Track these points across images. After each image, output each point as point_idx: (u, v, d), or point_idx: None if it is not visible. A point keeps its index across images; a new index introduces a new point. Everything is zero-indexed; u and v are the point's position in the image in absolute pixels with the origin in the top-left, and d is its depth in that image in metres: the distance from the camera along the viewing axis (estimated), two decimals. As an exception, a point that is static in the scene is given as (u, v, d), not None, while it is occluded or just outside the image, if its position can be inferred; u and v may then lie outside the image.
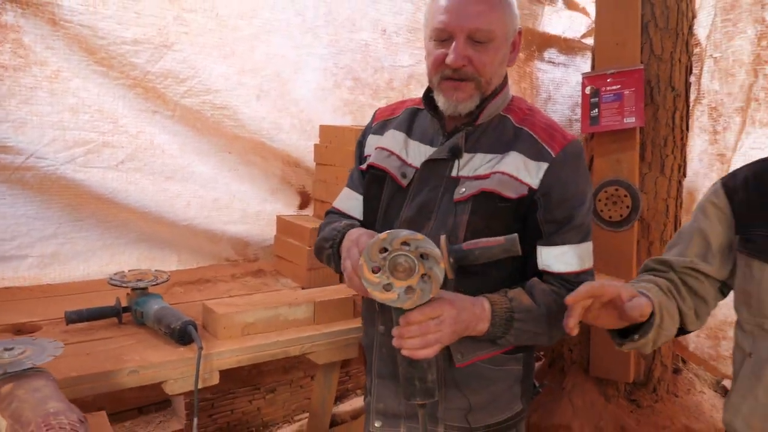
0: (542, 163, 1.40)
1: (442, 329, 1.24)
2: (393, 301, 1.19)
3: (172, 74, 2.47)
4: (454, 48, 1.36)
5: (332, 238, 1.49)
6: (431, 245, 1.17)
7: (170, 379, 1.65)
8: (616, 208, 3.07)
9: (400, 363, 1.27)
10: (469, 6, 1.36)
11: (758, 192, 1.34)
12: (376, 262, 1.18)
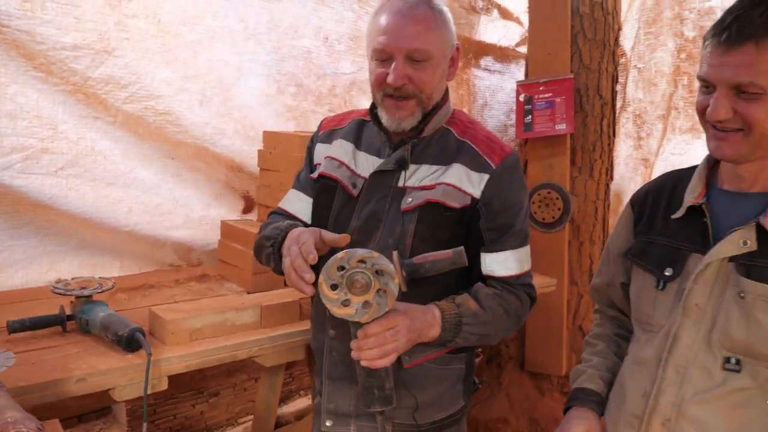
0: (484, 174, 1.51)
1: (398, 339, 1.33)
2: (351, 315, 1.28)
3: (113, 80, 2.45)
4: (394, 68, 1.45)
5: (274, 236, 1.53)
6: (386, 262, 1.26)
7: (118, 386, 1.66)
8: (549, 210, 3.24)
9: (359, 374, 1.36)
10: (407, 27, 1.44)
11: (653, 203, 1.43)
12: (335, 280, 1.26)
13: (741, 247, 1.21)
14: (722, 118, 1.16)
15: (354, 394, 1.59)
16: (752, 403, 1.21)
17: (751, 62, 1.11)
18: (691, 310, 1.27)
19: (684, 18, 3.22)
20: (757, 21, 1.11)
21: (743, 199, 1.26)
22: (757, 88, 1.12)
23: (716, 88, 1.17)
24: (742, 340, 1.20)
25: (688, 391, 1.25)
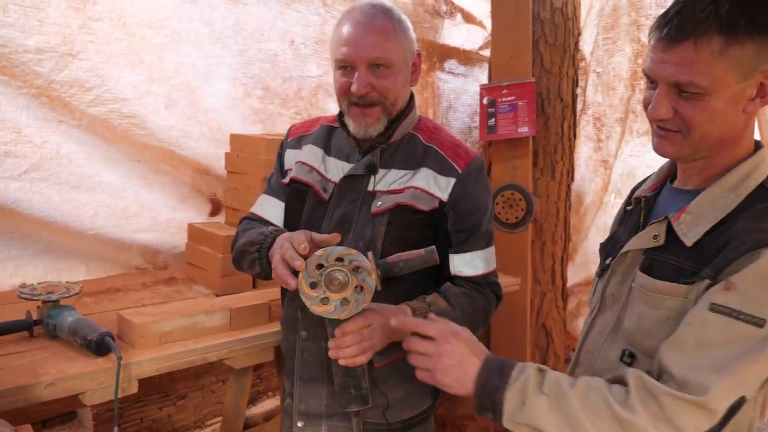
0: (450, 178, 1.57)
1: (374, 336, 1.38)
2: (330, 312, 1.31)
3: (78, 83, 2.43)
4: (356, 77, 1.51)
5: (260, 242, 1.55)
6: (363, 258, 1.30)
7: (88, 390, 1.67)
8: (513, 211, 3.31)
9: (336, 374, 1.39)
10: (367, 37, 1.50)
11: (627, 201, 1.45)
12: (314, 278, 1.29)
13: (651, 240, 1.21)
14: (662, 117, 1.13)
15: (325, 395, 1.63)
16: None
17: (690, 61, 1.06)
18: (608, 299, 1.30)
19: (640, 24, 3.34)
20: (699, 16, 1.05)
21: (680, 195, 1.24)
22: (697, 88, 1.07)
23: (656, 84, 1.14)
24: (631, 331, 1.21)
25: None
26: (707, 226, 1.13)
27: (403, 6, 3.41)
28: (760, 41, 1.05)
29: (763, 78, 1.08)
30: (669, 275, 1.15)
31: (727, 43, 1.04)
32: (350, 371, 1.38)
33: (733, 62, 1.05)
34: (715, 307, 1.05)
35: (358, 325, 1.35)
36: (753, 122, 1.16)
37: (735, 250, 1.06)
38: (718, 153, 1.16)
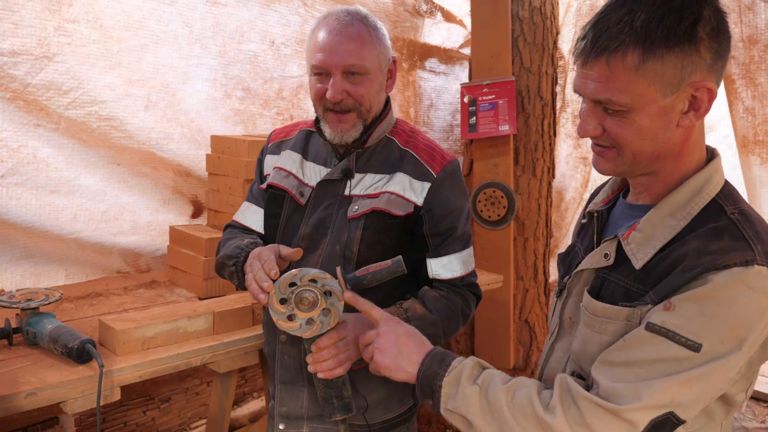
0: (425, 182, 1.58)
1: (350, 348, 1.40)
2: (294, 330, 1.36)
3: (54, 86, 2.40)
4: (332, 84, 1.52)
5: (236, 256, 1.60)
6: (336, 285, 1.34)
7: (70, 398, 1.65)
8: (494, 209, 3.33)
9: (317, 386, 1.43)
10: (342, 44, 1.51)
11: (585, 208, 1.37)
12: (285, 294, 1.34)
13: (602, 259, 1.14)
14: (590, 135, 1.07)
15: (306, 397, 1.64)
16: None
17: (606, 78, 0.99)
18: (566, 322, 1.23)
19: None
20: (614, 30, 0.98)
21: (632, 211, 1.17)
22: (618, 105, 1.01)
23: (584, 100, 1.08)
24: (577, 352, 1.15)
25: None
26: (657, 247, 1.06)
27: (383, 5, 3.41)
28: (682, 53, 0.97)
29: (693, 90, 1.00)
30: (616, 297, 1.09)
31: (644, 58, 0.97)
32: (330, 383, 1.42)
33: (653, 77, 0.98)
34: (651, 326, 1.00)
35: (333, 339, 1.38)
36: (696, 135, 1.08)
37: (681, 276, 1.00)
38: (661, 168, 1.08)
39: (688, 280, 0.99)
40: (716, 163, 1.10)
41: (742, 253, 0.98)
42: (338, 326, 1.40)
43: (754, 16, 2.84)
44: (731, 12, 2.88)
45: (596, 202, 1.26)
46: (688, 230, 1.05)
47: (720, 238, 1.01)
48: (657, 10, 0.96)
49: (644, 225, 1.09)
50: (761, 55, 2.83)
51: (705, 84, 1.00)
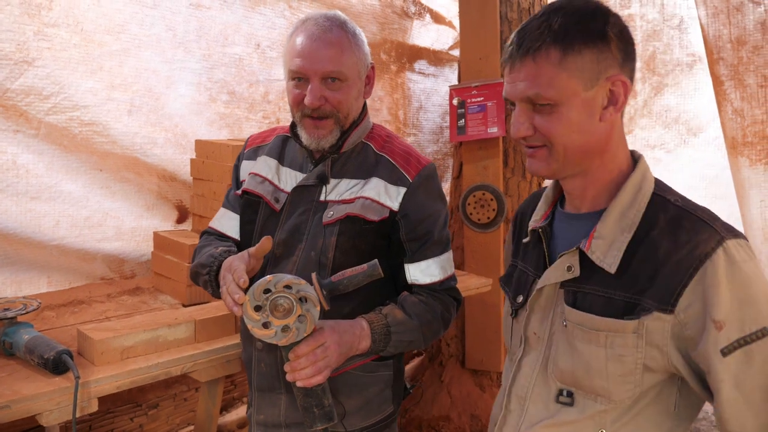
0: (401, 187, 1.56)
1: (328, 354, 1.38)
2: (270, 337, 1.32)
3: (34, 91, 2.38)
4: (310, 90, 1.50)
5: (209, 264, 1.58)
6: (311, 290, 1.31)
7: (45, 411, 1.62)
8: (484, 211, 3.31)
9: (297, 395, 1.40)
10: (321, 50, 1.49)
11: (520, 224, 1.40)
12: (259, 302, 1.31)
13: (566, 273, 1.16)
14: (523, 135, 1.13)
15: (284, 405, 1.62)
16: None
17: (534, 75, 1.08)
18: (531, 338, 1.24)
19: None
20: (535, 33, 1.08)
21: (576, 221, 1.20)
22: (546, 99, 1.08)
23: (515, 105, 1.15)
24: (569, 371, 1.15)
25: (524, 423, 1.21)
26: (622, 249, 1.10)
27: (371, 7, 3.38)
28: (597, 49, 1.07)
29: (610, 85, 1.09)
30: (600, 308, 1.11)
31: (564, 53, 1.06)
32: (310, 392, 1.38)
33: (574, 70, 1.07)
34: (726, 351, 1.01)
35: (311, 346, 1.35)
36: (618, 133, 1.16)
37: (675, 277, 1.04)
38: (590, 166, 1.15)
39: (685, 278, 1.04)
40: (644, 162, 1.18)
41: (711, 235, 1.05)
42: (316, 333, 1.36)
43: (742, 17, 2.82)
44: (720, 13, 2.87)
45: (536, 219, 1.28)
46: (643, 226, 1.11)
47: (681, 228, 1.08)
48: (571, 15, 1.08)
49: (601, 231, 1.13)
50: (750, 57, 2.81)
51: (620, 77, 1.09)
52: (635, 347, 1.08)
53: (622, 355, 1.09)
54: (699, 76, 3.29)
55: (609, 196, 1.16)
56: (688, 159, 3.36)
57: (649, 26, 3.32)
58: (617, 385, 1.11)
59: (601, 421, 1.14)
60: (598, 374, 1.11)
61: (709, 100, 3.07)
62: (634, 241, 1.10)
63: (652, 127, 3.46)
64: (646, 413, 1.14)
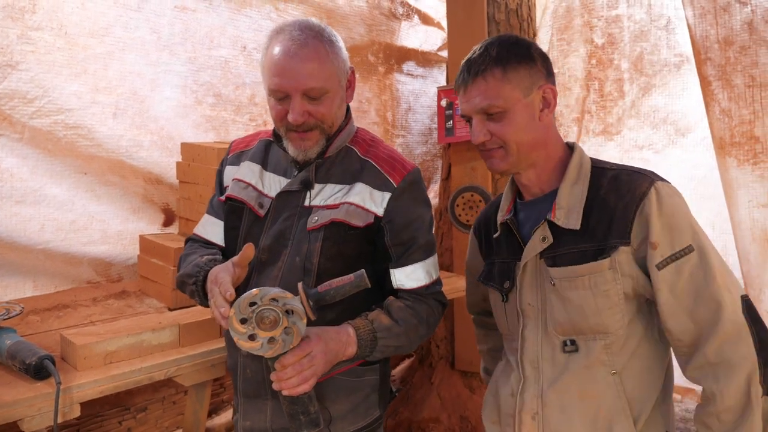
0: (386, 192, 1.56)
1: (314, 363, 1.38)
2: (256, 349, 1.33)
3: (18, 94, 2.37)
4: (292, 108, 1.48)
5: (195, 274, 1.57)
6: (297, 303, 1.32)
7: (27, 416, 1.61)
8: (473, 212, 3.31)
9: (283, 403, 1.41)
10: (299, 67, 1.46)
11: (485, 229, 1.65)
12: (245, 314, 1.31)
13: (542, 243, 1.41)
14: (482, 141, 1.39)
15: (270, 411, 1.61)
16: (597, 378, 1.38)
17: (485, 90, 1.36)
18: (527, 310, 1.46)
19: (593, 25, 3.36)
20: (479, 60, 1.38)
21: (535, 205, 1.48)
22: (497, 108, 1.36)
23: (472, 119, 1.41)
24: (566, 321, 1.39)
25: (544, 383, 1.42)
26: (580, 210, 1.38)
27: (358, 9, 3.38)
28: (528, 66, 1.38)
29: (542, 92, 1.40)
30: (577, 259, 1.37)
31: (505, 71, 1.36)
32: (296, 399, 1.39)
33: (514, 83, 1.37)
34: (660, 265, 1.31)
35: (297, 356, 1.35)
36: (554, 130, 1.46)
37: (625, 216, 1.34)
38: (538, 159, 1.43)
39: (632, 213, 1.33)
40: (579, 149, 1.48)
41: (642, 181, 1.36)
42: (302, 343, 1.36)
43: (729, 17, 2.83)
44: (707, 14, 2.87)
45: (502, 214, 1.53)
46: (591, 190, 1.40)
47: (621, 181, 1.38)
48: (504, 44, 1.40)
49: (560, 202, 1.41)
50: (737, 57, 2.81)
51: (549, 86, 1.41)
52: (614, 281, 1.35)
53: (606, 290, 1.35)
54: (687, 77, 3.29)
55: (557, 178, 1.45)
56: (676, 159, 3.36)
57: (636, 27, 3.33)
58: (609, 317, 1.36)
59: (609, 361, 1.37)
60: (592, 313, 1.36)
61: (697, 100, 3.07)
62: (588, 204, 1.39)
63: (640, 127, 3.46)
64: (642, 348, 1.39)
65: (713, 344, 1.28)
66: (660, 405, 1.42)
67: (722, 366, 1.27)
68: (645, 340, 1.40)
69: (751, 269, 2.87)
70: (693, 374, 1.33)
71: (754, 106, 2.84)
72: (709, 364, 1.29)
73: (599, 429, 1.38)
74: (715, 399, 1.27)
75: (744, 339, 1.28)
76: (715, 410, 1.27)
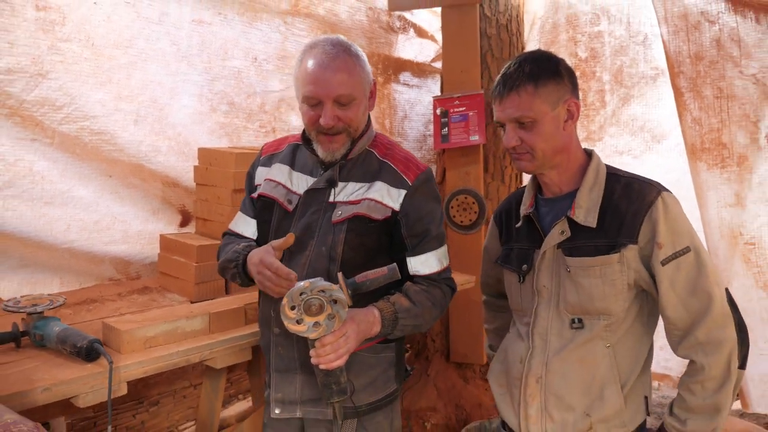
0: (402, 190, 1.78)
1: (349, 342, 1.60)
2: (303, 332, 1.56)
3: (48, 102, 2.52)
4: (324, 113, 1.71)
5: (235, 259, 1.81)
6: (341, 294, 1.55)
7: (81, 393, 1.78)
8: (466, 214, 3.53)
9: (318, 375, 1.63)
10: (331, 76, 1.69)
11: (506, 219, 1.87)
12: (295, 302, 1.54)
13: (561, 236, 1.64)
14: (513, 145, 1.62)
15: (299, 384, 1.81)
16: (595, 350, 1.62)
17: (519, 103, 1.58)
18: (542, 291, 1.68)
19: (577, 40, 3.61)
20: (515, 75, 1.58)
21: (558, 201, 1.70)
22: (529, 119, 1.57)
23: (505, 125, 1.63)
24: (576, 303, 1.63)
25: (550, 352, 1.65)
26: (596, 210, 1.61)
27: (359, 23, 3.59)
28: (556, 82, 1.58)
29: (567, 106, 1.60)
30: (591, 252, 1.61)
31: (536, 87, 1.57)
32: (330, 372, 1.61)
33: (544, 97, 1.57)
34: (664, 262, 1.54)
35: (335, 337, 1.57)
36: (575, 138, 1.67)
37: (635, 220, 1.57)
38: (560, 162, 1.65)
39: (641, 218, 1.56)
40: (596, 154, 1.70)
41: (651, 190, 1.59)
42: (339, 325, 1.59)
43: (699, 34, 3.10)
44: (680, 31, 3.13)
45: (525, 208, 1.76)
46: (608, 195, 1.62)
47: (632, 190, 1.61)
48: (535, 62, 1.61)
49: (579, 202, 1.63)
50: (706, 71, 3.08)
51: (573, 100, 1.62)
52: (620, 272, 1.58)
53: (613, 280, 1.59)
54: (662, 88, 3.53)
55: (576, 180, 1.67)
56: (652, 164, 3.60)
57: (616, 42, 3.58)
58: (613, 302, 1.60)
59: (606, 336, 1.61)
60: (599, 298, 1.60)
61: (671, 110, 3.32)
62: (603, 206, 1.61)
63: (620, 134, 3.71)
64: (633, 328, 1.64)
65: (704, 328, 1.53)
66: (641, 375, 1.66)
67: (711, 344, 1.53)
68: (636, 322, 1.65)
69: (720, 263, 3.13)
70: (684, 352, 1.59)
71: (722, 116, 3.11)
72: (699, 344, 1.54)
73: (593, 392, 1.62)
74: (703, 370, 1.53)
75: (728, 323, 1.55)
76: (702, 379, 1.54)
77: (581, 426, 1.63)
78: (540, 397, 1.66)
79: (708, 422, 1.54)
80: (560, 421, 1.64)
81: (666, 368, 3.73)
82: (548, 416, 1.65)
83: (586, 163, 1.68)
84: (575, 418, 1.63)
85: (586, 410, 1.62)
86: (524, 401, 1.68)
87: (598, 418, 1.62)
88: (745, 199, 3.16)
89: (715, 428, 1.54)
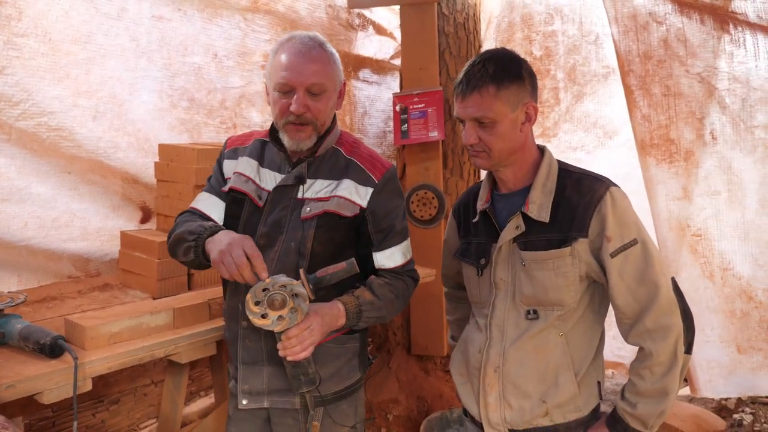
0: (369, 188, 1.84)
1: (313, 334, 1.65)
2: (267, 326, 1.62)
3: (4, 98, 2.49)
4: (296, 99, 1.74)
5: (198, 232, 1.75)
6: (302, 288, 1.61)
7: (46, 389, 1.78)
8: (426, 209, 3.60)
9: (286, 366, 1.69)
10: (306, 65, 1.74)
11: (464, 213, 1.92)
12: (259, 298, 1.59)
13: (516, 230, 1.69)
14: (472, 143, 1.66)
15: (266, 375, 1.85)
16: (549, 339, 1.69)
17: (479, 103, 1.61)
18: (499, 283, 1.73)
19: (532, 39, 3.72)
20: (478, 75, 1.61)
21: (512, 197, 1.75)
22: (488, 119, 1.61)
23: (465, 122, 1.66)
24: (531, 295, 1.68)
25: (507, 342, 1.71)
26: (549, 206, 1.67)
27: (319, 20, 3.62)
28: (517, 85, 1.62)
29: (526, 108, 1.64)
30: (544, 246, 1.67)
31: (498, 89, 1.60)
32: (298, 364, 1.67)
33: (505, 100, 1.61)
34: (613, 254, 1.60)
35: (300, 329, 1.63)
36: (531, 137, 1.71)
37: (585, 214, 1.63)
38: (515, 161, 1.70)
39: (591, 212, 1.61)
40: (549, 151, 1.75)
41: (600, 186, 1.64)
42: (304, 318, 1.64)
43: (648, 34, 3.23)
44: (629, 31, 3.26)
45: (481, 203, 1.81)
46: (559, 190, 1.68)
47: (582, 185, 1.66)
48: (499, 63, 1.63)
49: (533, 197, 1.69)
50: (655, 69, 3.22)
51: (531, 103, 1.66)
52: (572, 265, 1.65)
53: (565, 272, 1.65)
54: (613, 86, 3.67)
55: (529, 176, 1.72)
56: (605, 159, 3.73)
57: (569, 41, 3.70)
58: (565, 293, 1.66)
59: (559, 326, 1.67)
60: (552, 289, 1.66)
61: (621, 107, 3.46)
62: (555, 201, 1.67)
63: (573, 131, 3.83)
64: (585, 316, 1.70)
65: (651, 316, 1.60)
66: (594, 361, 1.73)
67: (659, 331, 1.60)
68: (588, 311, 1.71)
69: (668, 254, 3.28)
70: (634, 339, 1.65)
71: (670, 113, 3.26)
72: (647, 331, 1.61)
73: (548, 379, 1.68)
74: (652, 355, 1.60)
75: (674, 311, 1.61)
76: (650, 364, 1.61)
77: (538, 412, 1.69)
78: (498, 386, 1.71)
79: (657, 405, 1.62)
80: (518, 408, 1.70)
81: (619, 356, 3.88)
82: (507, 404, 1.71)
83: (540, 159, 1.73)
84: (532, 405, 1.69)
85: (542, 397, 1.68)
86: (483, 390, 1.74)
87: (553, 404, 1.68)
88: (692, 193, 3.32)
89: (663, 410, 1.62)
